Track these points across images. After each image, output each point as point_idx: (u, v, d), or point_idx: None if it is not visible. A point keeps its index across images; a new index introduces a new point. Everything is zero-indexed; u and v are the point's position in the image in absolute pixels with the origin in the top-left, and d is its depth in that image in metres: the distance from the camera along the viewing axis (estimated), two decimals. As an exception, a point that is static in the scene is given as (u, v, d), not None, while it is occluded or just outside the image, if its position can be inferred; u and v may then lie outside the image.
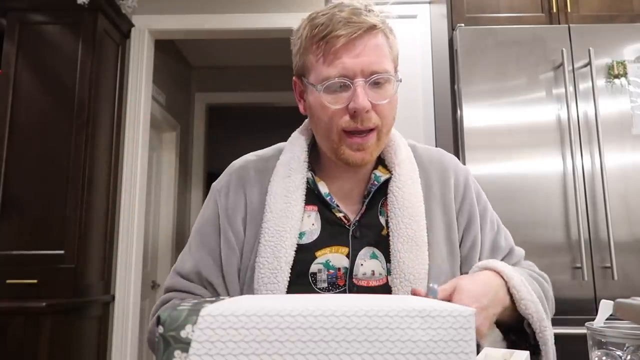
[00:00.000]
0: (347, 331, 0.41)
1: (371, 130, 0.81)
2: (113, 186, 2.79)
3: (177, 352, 0.40)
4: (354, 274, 0.82)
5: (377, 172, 0.88)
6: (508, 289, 0.74)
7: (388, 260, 0.82)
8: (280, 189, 0.85)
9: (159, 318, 0.42)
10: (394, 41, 0.85)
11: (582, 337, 0.67)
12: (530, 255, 1.91)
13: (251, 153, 0.97)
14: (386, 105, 0.81)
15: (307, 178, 0.87)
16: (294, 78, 0.89)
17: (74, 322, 2.37)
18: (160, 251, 3.81)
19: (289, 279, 0.80)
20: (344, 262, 0.83)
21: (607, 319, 0.63)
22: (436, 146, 2.41)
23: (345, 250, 0.83)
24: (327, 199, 0.86)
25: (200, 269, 0.86)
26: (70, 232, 2.41)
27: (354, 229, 0.85)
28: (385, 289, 0.81)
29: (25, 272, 2.34)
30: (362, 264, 0.83)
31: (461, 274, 0.85)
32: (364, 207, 0.86)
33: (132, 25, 2.98)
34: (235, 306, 0.41)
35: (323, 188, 0.87)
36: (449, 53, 2.19)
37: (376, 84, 0.80)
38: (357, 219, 0.86)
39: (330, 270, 0.83)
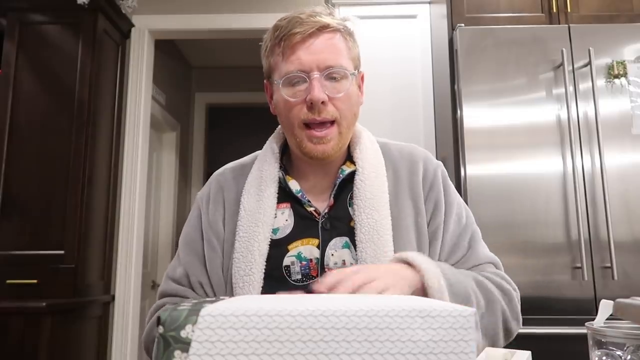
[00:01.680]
0: (347, 331, 0.41)
1: (331, 123, 0.86)
2: (113, 186, 2.79)
3: (177, 352, 0.40)
4: (325, 263, 0.86)
5: (344, 167, 0.92)
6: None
7: (356, 250, 0.85)
8: (254, 188, 0.91)
9: (159, 318, 0.42)
10: (353, 44, 0.91)
11: (582, 337, 0.67)
12: (530, 255, 1.92)
13: (232, 162, 1.03)
14: (343, 98, 0.86)
15: (279, 177, 0.92)
16: (264, 81, 0.96)
17: (74, 322, 2.37)
18: (160, 251, 3.81)
19: (264, 272, 0.85)
20: (315, 253, 0.87)
21: (607, 319, 0.63)
22: (436, 146, 2.41)
23: (315, 241, 0.88)
24: (299, 195, 0.91)
25: (189, 272, 0.91)
26: (70, 232, 2.41)
27: (323, 221, 0.89)
28: None
29: (25, 272, 2.34)
30: (332, 254, 0.87)
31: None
32: (332, 199, 0.90)
33: (132, 25, 2.98)
34: (235, 306, 0.41)
35: (294, 186, 0.92)
36: (449, 53, 2.19)
37: (333, 79, 0.85)
38: (327, 211, 0.90)
39: (303, 262, 0.87)
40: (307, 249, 0.87)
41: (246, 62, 4.26)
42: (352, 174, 0.91)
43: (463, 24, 2.13)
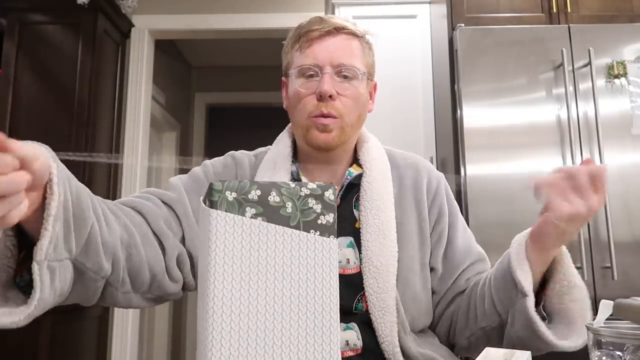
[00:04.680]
0: None
1: (335, 117, 0.88)
2: (113, 186, 2.79)
3: (247, 208, 0.53)
4: None
5: (351, 169, 0.95)
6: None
7: (361, 250, 0.88)
8: (266, 179, 0.92)
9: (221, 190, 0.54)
10: (369, 53, 0.95)
11: (582, 337, 0.67)
12: (530, 255, 1.91)
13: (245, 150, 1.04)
14: (351, 97, 0.89)
15: (292, 171, 0.94)
16: (282, 79, 0.98)
17: (73, 322, 2.37)
18: (160, 251, 3.80)
19: None
20: None
21: (607, 319, 0.63)
22: (436, 146, 2.42)
23: None
24: None
25: (182, 201, 0.86)
26: (70, 232, 2.41)
27: None
28: (358, 277, 0.87)
29: (25, 272, 2.34)
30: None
31: (429, 265, 0.93)
32: (339, 200, 0.92)
33: (132, 25, 2.98)
34: None
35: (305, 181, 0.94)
36: (449, 53, 2.19)
37: (344, 77, 0.89)
38: None
39: None
40: None
41: (246, 62, 4.26)
42: (359, 177, 0.93)
43: (463, 24, 2.13)
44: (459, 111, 2.07)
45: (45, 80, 2.55)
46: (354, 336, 0.85)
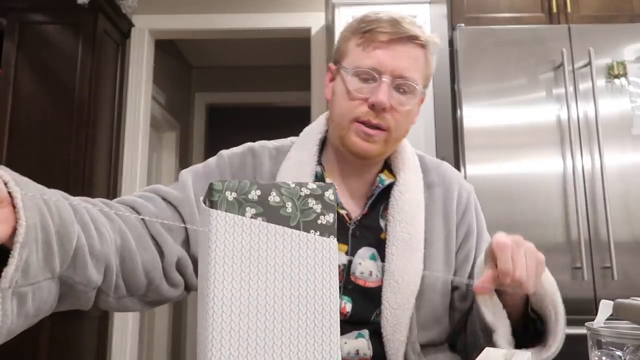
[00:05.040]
0: None
1: (382, 130, 0.83)
2: (113, 186, 2.79)
3: (247, 208, 0.53)
4: (351, 271, 0.85)
5: (382, 176, 0.90)
6: None
7: (384, 262, 0.84)
8: (290, 177, 0.86)
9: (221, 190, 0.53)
10: (431, 63, 0.89)
11: (582, 337, 0.67)
12: (530, 255, 1.90)
13: (269, 141, 0.97)
14: (403, 112, 0.84)
15: (316, 172, 0.89)
16: (330, 64, 0.92)
17: (73, 322, 2.37)
18: (160, 251, 3.80)
19: None
20: (343, 259, 0.84)
21: (607, 319, 0.63)
22: (436, 146, 2.41)
23: (344, 247, 0.85)
24: None
25: (166, 193, 0.82)
26: (70, 232, 2.41)
27: (354, 228, 0.87)
28: (379, 290, 0.83)
29: (25, 272, 2.33)
30: (360, 263, 0.85)
31: (454, 284, 0.89)
32: (367, 208, 0.88)
33: (132, 25, 2.98)
34: None
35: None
36: (449, 53, 2.19)
37: (401, 90, 0.83)
38: (358, 218, 0.88)
39: None
40: None
41: (246, 62, 4.26)
42: (389, 185, 0.89)
43: (463, 24, 2.13)
44: (459, 111, 2.07)
45: (45, 80, 2.55)
46: (364, 345, 0.82)
